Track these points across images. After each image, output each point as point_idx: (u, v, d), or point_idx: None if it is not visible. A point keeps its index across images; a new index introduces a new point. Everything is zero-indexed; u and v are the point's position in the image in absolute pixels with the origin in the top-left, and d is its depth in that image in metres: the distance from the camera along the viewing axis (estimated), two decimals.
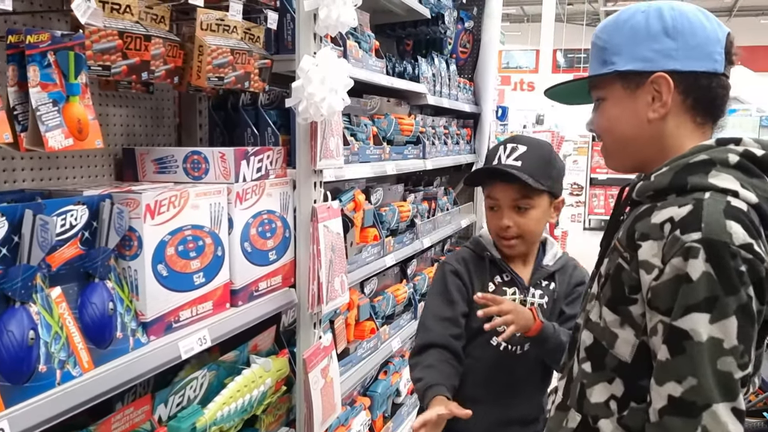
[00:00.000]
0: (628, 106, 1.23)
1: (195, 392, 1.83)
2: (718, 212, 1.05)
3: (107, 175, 1.97)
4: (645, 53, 1.19)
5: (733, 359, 1.01)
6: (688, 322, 1.03)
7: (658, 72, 1.18)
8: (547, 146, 1.86)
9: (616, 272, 1.19)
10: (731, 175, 1.10)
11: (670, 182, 1.14)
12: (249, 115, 2.21)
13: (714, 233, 1.03)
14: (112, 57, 1.50)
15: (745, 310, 1.02)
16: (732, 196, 1.08)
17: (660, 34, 1.18)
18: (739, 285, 1.02)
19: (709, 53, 1.17)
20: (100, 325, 1.45)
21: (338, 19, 1.97)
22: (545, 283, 1.90)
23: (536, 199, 1.80)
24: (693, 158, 1.14)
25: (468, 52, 4.61)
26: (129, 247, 1.57)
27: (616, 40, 1.23)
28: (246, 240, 1.92)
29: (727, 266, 1.02)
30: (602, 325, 1.21)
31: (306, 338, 2.20)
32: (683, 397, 1.03)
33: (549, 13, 13.54)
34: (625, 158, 1.31)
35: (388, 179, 3.58)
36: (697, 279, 1.03)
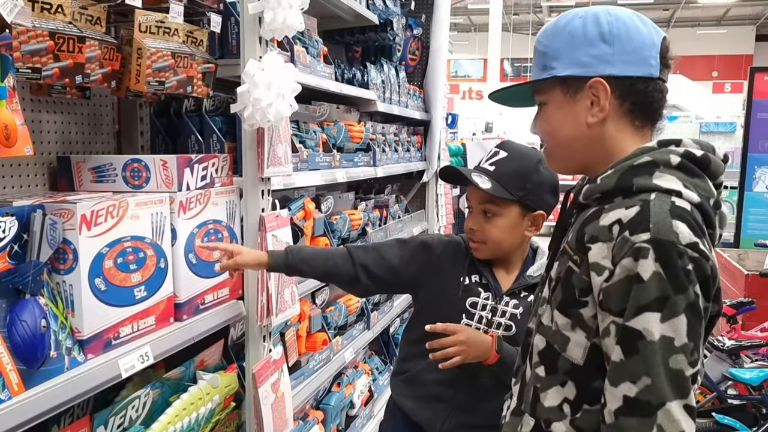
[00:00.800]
0: (568, 111, 1.24)
1: (137, 412, 1.74)
2: (665, 212, 1.07)
3: (40, 185, 1.88)
4: (582, 58, 1.20)
5: (684, 357, 1.03)
6: (640, 321, 1.04)
7: (595, 77, 1.19)
8: (531, 158, 1.80)
9: (566, 276, 1.20)
10: (674, 175, 1.13)
11: (615, 184, 1.16)
12: (193, 121, 2.14)
13: (662, 233, 1.05)
14: (43, 59, 1.41)
15: (693, 308, 1.04)
16: (676, 196, 1.10)
17: (596, 39, 1.19)
18: (687, 283, 1.04)
19: (645, 58, 1.19)
20: (32, 344, 1.36)
21: (284, 22, 1.92)
22: (524, 294, 1.84)
23: (503, 207, 1.78)
24: (637, 160, 1.16)
25: (417, 60, 4.61)
26: (63, 260, 1.48)
27: (555, 45, 1.24)
28: (191, 251, 1.85)
29: (675, 265, 1.04)
30: (554, 329, 1.22)
31: (255, 352, 2.13)
32: (638, 397, 1.04)
33: (496, 23, 13.75)
34: (567, 161, 1.31)
35: (338, 187, 3.53)
36: (648, 279, 1.04)
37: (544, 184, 1.79)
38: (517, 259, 1.88)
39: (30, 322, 1.36)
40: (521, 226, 1.81)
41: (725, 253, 5.25)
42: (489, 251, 1.85)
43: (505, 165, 1.78)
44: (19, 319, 1.35)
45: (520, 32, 22.17)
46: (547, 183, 1.79)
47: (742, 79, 6.15)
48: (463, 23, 22.40)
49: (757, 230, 5.74)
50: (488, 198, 1.78)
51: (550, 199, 1.81)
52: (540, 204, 1.80)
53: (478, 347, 1.72)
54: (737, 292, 4.54)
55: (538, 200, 1.80)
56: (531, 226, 1.82)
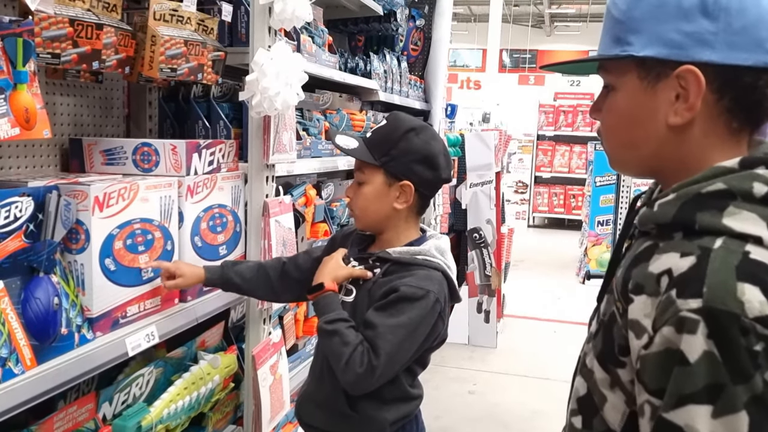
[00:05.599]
0: (644, 103, 0.94)
1: (141, 390, 1.79)
2: (729, 270, 0.79)
3: (53, 166, 1.91)
4: (672, 35, 0.89)
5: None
6: (683, 415, 0.79)
7: (686, 63, 0.88)
8: (402, 126, 1.70)
9: (609, 322, 0.95)
10: (755, 213, 0.83)
11: (674, 217, 0.88)
12: (201, 107, 2.18)
13: (719, 301, 0.78)
14: (62, 45, 1.45)
15: (759, 402, 0.76)
16: (754, 243, 0.82)
17: (695, 10, 0.87)
18: (752, 370, 0.76)
19: (761, 40, 0.86)
20: (44, 320, 1.40)
21: (294, 13, 1.95)
22: (374, 264, 1.72)
23: (368, 174, 1.72)
24: (707, 186, 0.87)
25: (419, 50, 4.64)
26: (76, 240, 1.53)
27: (636, 13, 0.92)
28: (196, 234, 1.90)
29: (736, 345, 0.77)
30: (593, 379, 0.98)
31: (255, 334, 2.18)
32: None
33: (496, 13, 13.73)
34: (631, 165, 1.03)
35: (338, 174, 3.57)
36: (696, 361, 0.78)
37: (412, 152, 1.67)
38: (393, 238, 1.75)
39: (43, 299, 1.40)
40: (388, 195, 1.70)
41: None
42: (360, 222, 1.79)
43: (378, 131, 1.73)
44: (33, 296, 1.39)
45: (519, 23, 22.11)
46: (415, 152, 1.67)
47: None
48: (464, 13, 22.32)
49: None
50: (358, 165, 1.74)
51: (420, 170, 1.68)
52: (405, 172, 1.68)
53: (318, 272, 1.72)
54: None
55: (402, 168, 1.68)
56: (399, 198, 1.70)
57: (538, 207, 12.37)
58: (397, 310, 1.60)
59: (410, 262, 1.68)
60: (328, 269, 1.71)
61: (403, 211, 1.72)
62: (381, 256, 1.71)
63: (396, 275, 1.66)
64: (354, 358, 1.56)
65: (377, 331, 1.58)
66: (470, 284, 5.52)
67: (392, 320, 1.59)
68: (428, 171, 1.69)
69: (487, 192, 5.49)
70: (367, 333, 1.60)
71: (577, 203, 11.86)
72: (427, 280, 1.64)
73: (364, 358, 1.56)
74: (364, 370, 1.56)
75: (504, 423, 4.11)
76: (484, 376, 4.86)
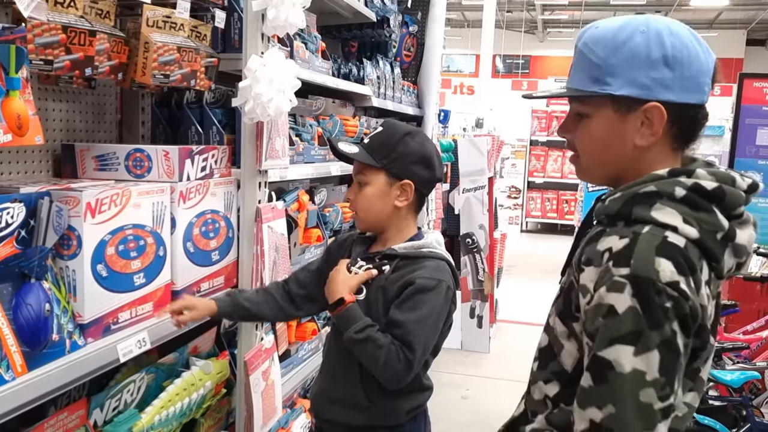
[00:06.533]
0: (616, 130, 1.20)
1: (132, 396, 1.79)
2: (650, 249, 1.07)
3: (45, 171, 1.91)
4: (643, 80, 1.15)
5: (654, 391, 1.04)
6: (612, 353, 1.06)
7: (652, 102, 1.16)
8: (399, 131, 1.84)
9: (568, 288, 1.23)
10: (675, 209, 1.11)
11: (618, 210, 1.16)
12: (193, 113, 2.18)
13: (642, 270, 1.05)
14: (55, 51, 1.45)
15: (667, 344, 1.04)
16: (671, 231, 1.09)
17: (659, 62, 1.14)
18: (663, 320, 1.04)
19: (701, 84, 1.16)
20: (35, 327, 1.40)
21: (287, 19, 1.96)
22: (382, 262, 1.83)
23: (370, 175, 1.83)
24: (642, 188, 1.15)
25: (412, 56, 4.64)
26: (67, 246, 1.52)
27: (613, 61, 1.17)
28: (189, 240, 1.90)
29: (652, 302, 1.04)
30: (554, 333, 1.25)
31: (247, 340, 2.18)
32: (602, 423, 1.06)
33: (489, 19, 13.75)
34: (601, 176, 1.30)
35: (331, 180, 3.57)
36: (623, 313, 1.05)
37: (411, 154, 1.81)
38: (395, 236, 1.87)
39: (35, 305, 1.40)
40: (390, 194, 1.82)
41: None
42: (362, 222, 1.91)
43: (376, 137, 1.85)
44: (24, 302, 1.39)
45: (512, 29, 22.18)
46: (413, 153, 1.82)
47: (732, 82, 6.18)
48: (457, 19, 22.36)
49: None
50: (359, 168, 1.85)
51: (418, 170, 1.82)
52: (406, 173, 1.82)
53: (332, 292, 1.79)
54: (721, 295, 4.62)
55: (403, 169, 1.81)
56: (400, 196, 1.83)
57: (530, 212, 12.41)
58: (417, 303, 1.73)
59: (417, 256, 1.81)
60: (341, 282, 1.80)
61: (403, 209, 1.85)
62: (387, 254, 1.83)
63: (406, 269, 1.78)
64: (390, 357, 1.68)
65: (406, 327, 1.70)
66: (463, 289, 5.53)
67: (415, 314, 1.71)
68: (425, 170, 1.83)
69: (480, 197, 5.51)
70: (396, 332, 1.71)
71: (569, 208, 11.90)
72: (437, 270, 1.78)
73: (399, 355, 1.68)
74: (402, 366, 1.68)
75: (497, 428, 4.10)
76: (477, 381, 4.86)
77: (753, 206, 4.55)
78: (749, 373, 3.14)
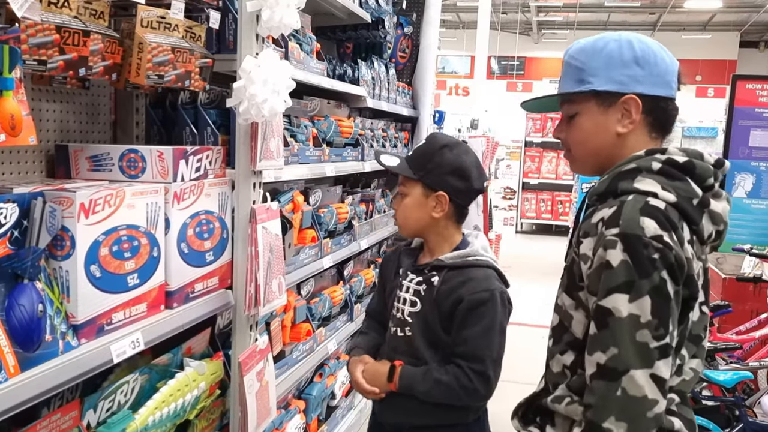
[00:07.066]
0: (600, 121, 1.41)
1: (126, 397, 1.78)
2: (635, 210, 1.24)
3: (38, 172, 1.90)
4: (619, 77, 1.37)
5: (649, 332, 1.20)
6: (610, 301, 1.22)
7: (629, 94, 1.37)
8: (437, 143, 1.92)
9: (570, 264, 1.39)
10: (654, 179, 1.30)
11: (607, 188, 1.35)
12: (188, 114, 2.18)
13: (629, 228, 1.23)
14: (49, 52, 1.45)
15: (657, 290, 1.20)
16: (652, 196, 1.27)
17: (631, 62, 1.37)
18: (651, 270, 1.20)
19: (668, 81, 1.39)
20: (28, 327, 1.39)
21: (281, 20, 1.96)
22: (431, 273, 1.93)
23: (409, 187, 1.95)
24: (625, 167, 1.35)
25: (407, 57, 4.65)
26: (61, 247, 1.52)
27: (593, 64, 1.40)
28: (183, 241, 1.89)
29: (641, 254, 1.21)
30: (563, 309, 1.41)
31: (242, 341, 2.17)
32: (606, 364, 1.22)
33: (484, 21, 13.78)
34: (591, 165, 1.48)
35: (326, 181, 3.57)
36: (617, 266, 1.22)
37: (445, 165, 1.89)
38: (438, 245, 1.97)
39: (27, 306, 1.39)
40: (426, 205, 1.92)
41: None
42: (404, 231, 2.02)
43: (417, 150, 1.97)
44: (17, 303, 1.38)
45: (507, 30, 22.23)
46: (448, 165, 1.89)
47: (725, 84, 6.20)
48: (452, 20, 22.40)
49: (735, 235, 5.83)
50: (401, 179, 1.97)
51: (452, 181, 1.89)
52: (441, 184, 1.90)
53: (377, 379, 1.95)
54: (714, 296, 4.62)
55: (438, 180, 1.90)
56: (436, 207, 1.91)
57: (525, 213, 12.43)
58: (477, 317, 1.83)
59: (463, 265, 1.90)
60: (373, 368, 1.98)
61: (441, 219, 1.93)
62: (435, 265, 1.92)
63: (455, 281, 1.88)
64: (463, 385, 1.80)
65: (471, 342, 1.82)
66: None
67: (478, 328, 1.81)
68: (460, 182, 1.90)
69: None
70: (462, 349, 1.83)
71: (564, 209, 11.91)
72: (485, 280, 1.88)
73: (469, 374, 1.80)
74: (477, 382, 1.80)
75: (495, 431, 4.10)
76: None
77: (746, 207, 4.62)
78: (742, 373, 3.15)
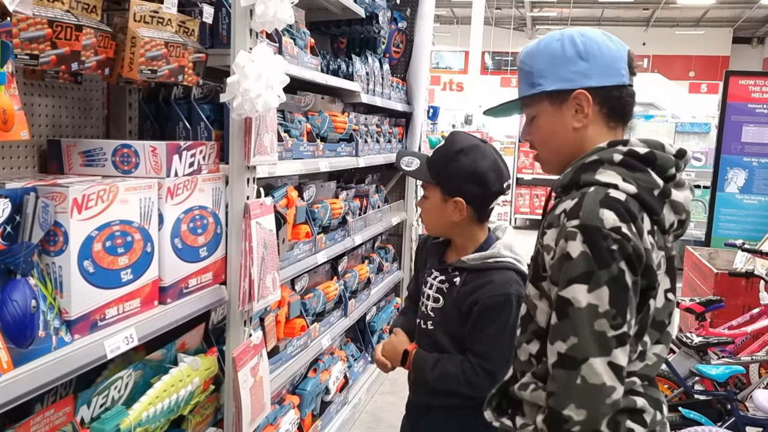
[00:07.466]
0: (557, 120, 1.42)
1: (120, 392, 1.78)
2: (595, 202, 1.25)
3: (30, 167, 1.90)
4: (565, 74, 1.39)
5: (607, 321, 1.21)
6: (570, 291, 1.23)
7: (578, 89, 1.38)
8: (453, 147, 1.91)
9: (535, 255, 1.40)
10: (615, 171, 1.31)
11: (570, 180, 1.37)
12: (181, 109, 2.17)
13: (588, 219, 1.23)
14: (41, 46, 1.44)
15: (615, 280, 1.21)
16: (613, 188, 1.28)
17: (575, 57, 1.38)
18: (610, 261, 1.21)
19: (617, 69, 1.38)
20: (21, 323, 1.39)
21: (275, 15, 1.95)
22: (453, 273, 1.94)
23: (429, 190, 1.97)
24: (587, 159, 1.36)
25: (401, 52, 4.64)
26: (54, 242, 1.51)
27: (539, 65, 1.42)
28: (176, 236, 1.89)
29: (600, 246, 1.22)
30: (529, 298, 1.41)
31: (236, 336, 2.17)
32: (566, 353, 1.23)
33: (478, 16, 13.78)
34: (557, 163, 1.49)
35: (320, 176, 3.57)
36: (576, 257, 1.23)
37: (461, 173, 1.89)
38: (463, 244, 1.99)
39: (21, 302, 1.39)
40: (445, 210, 1.93)
41: (696, 251, 5.36)
42: (429, 231, 2.06)
43: (436, 152, 1.97)
44: (10, 299, 1.37)
45: (501, 26, 22.22)
46: (464, 172, 1.88)
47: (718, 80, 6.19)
48: (446, 15, 22.36)
49: (727, 230, 5.87)
50: (423, 182, 2.00)
51: (468, 187, 1.89)
52: (457, 191, 1.90)
53: (394, 357, 2.01)
54: (707, 290, 4.64)
55: (454, 186, 1.90)
56: (455, 211, 1.92)
57: (519, 208, 12.43)
58: (490, 320, 1.85)
59: (483, 267, 1.90)
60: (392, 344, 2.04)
61: (462, 221, 1.93)
62: (458, 266, 1.93)
63: (475, 282, 1.89)
64: (469, 380, 1.84)
65: (483, 343, 1.85)
66: None
67: (491, 329, 1.84)
68: (477, 187, 1.89)
69: None
70: (475, 348, 1.86)
71: None
72: (503, 285, 1.87)
73: (477, 369, 1.84)
74: (483, 377, 1.82)
75: None
76: None
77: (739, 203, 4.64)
78: (734, 367, 3.17)
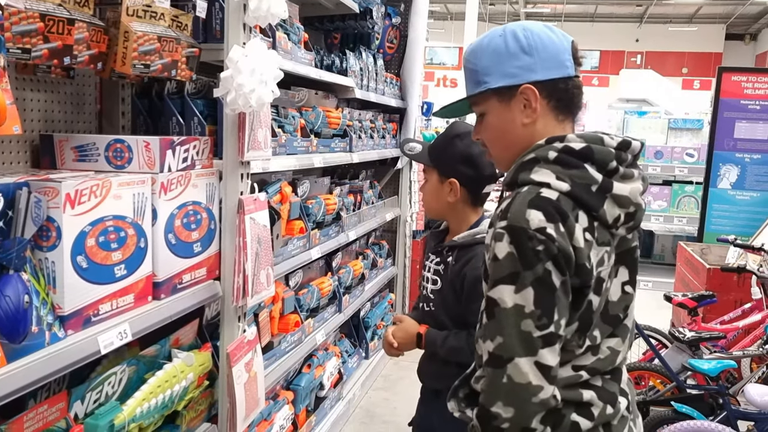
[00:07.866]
0: (506, 116, 1.41)
1: (113, 388, 1.78)
2: (524, 203, 1.25)
3: (22, 162, 1.89)
4: (510, 70, 1.37)
5: (532, 321, 1.22)
6: (497, 292, 1.25)
7: (524, 84, 1.36)
8: (450, 133, 2.05)
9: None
10: (549, 169, 1.30)
11: (510, 178, 1.38)
12: (175, 103, 2.16)
13: (515, 220, 1.24)
14: (33, 40, 1.43)
15: (540, 281, 1.22)
16: (545, 187, 1.28)
17: (519, 52, 1.36)
18: (535, 261, 1.21)
19: (561, 61, 1.37)
20: (14, 318, 1.39)
21: (269, 10, 1.95)
22: (447, 254, 2.06)
23: (428, 172, 2.10)
24: (526, 157, 1.35)
25: (395, 48, 4.64)
26: (47, 237, 1.51)
27: (484, 63, 1.40)
28: (170, 231, 1.88)
29: (525, 247, 1.22)
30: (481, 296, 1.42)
31: (230, 332, 2.17)
32: (494, 352, 1.25)
33: (472, 12, 13.76)
34: (508, 160, 1.45)
35: (314, 172, 3.57)
36: (503, 257, 1.24)
37: (456, 154, 2.01)
38: (457, 226, 2.09)
39: (13, 297, 1.38)
40: (442, 191, 2.05)
41: (689, 247, 5.38)
42: (427, 213, 2.17)
43: (437, 138, 2.10)
44: (2, 294, 1.37)
45: (495, 22, 22.22)
46: (459, 154, 2.01)
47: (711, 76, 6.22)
48: (440, 11, 22.37)
49: (720, 226, 5.89)
50: (424, 167, 2.13)
51: (463, 169, 2.01)
52: (452, 172, 2.03)
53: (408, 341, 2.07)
54: (699, 286, 4.66)
55: (450, 168, 2.03)
56: (450, 192, 2.03)
57: None
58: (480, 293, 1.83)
59: (471, 243, 2.01)
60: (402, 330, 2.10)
61: (456, 203, 2.05)
62: (450, 246, 2.05)
63: (464, 259, 2.00)
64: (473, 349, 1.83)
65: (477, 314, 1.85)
66: None
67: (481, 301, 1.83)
68: (470, 170, 2.01)
69: None
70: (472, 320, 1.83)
71: None
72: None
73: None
74: None
75: None
76: None
77: (731, 198, 4.65)
78: (726, 362, 3.18)
